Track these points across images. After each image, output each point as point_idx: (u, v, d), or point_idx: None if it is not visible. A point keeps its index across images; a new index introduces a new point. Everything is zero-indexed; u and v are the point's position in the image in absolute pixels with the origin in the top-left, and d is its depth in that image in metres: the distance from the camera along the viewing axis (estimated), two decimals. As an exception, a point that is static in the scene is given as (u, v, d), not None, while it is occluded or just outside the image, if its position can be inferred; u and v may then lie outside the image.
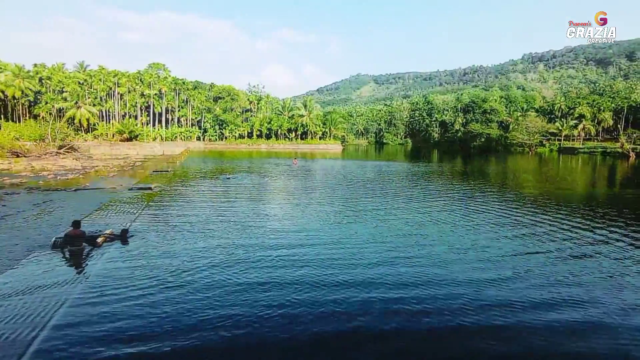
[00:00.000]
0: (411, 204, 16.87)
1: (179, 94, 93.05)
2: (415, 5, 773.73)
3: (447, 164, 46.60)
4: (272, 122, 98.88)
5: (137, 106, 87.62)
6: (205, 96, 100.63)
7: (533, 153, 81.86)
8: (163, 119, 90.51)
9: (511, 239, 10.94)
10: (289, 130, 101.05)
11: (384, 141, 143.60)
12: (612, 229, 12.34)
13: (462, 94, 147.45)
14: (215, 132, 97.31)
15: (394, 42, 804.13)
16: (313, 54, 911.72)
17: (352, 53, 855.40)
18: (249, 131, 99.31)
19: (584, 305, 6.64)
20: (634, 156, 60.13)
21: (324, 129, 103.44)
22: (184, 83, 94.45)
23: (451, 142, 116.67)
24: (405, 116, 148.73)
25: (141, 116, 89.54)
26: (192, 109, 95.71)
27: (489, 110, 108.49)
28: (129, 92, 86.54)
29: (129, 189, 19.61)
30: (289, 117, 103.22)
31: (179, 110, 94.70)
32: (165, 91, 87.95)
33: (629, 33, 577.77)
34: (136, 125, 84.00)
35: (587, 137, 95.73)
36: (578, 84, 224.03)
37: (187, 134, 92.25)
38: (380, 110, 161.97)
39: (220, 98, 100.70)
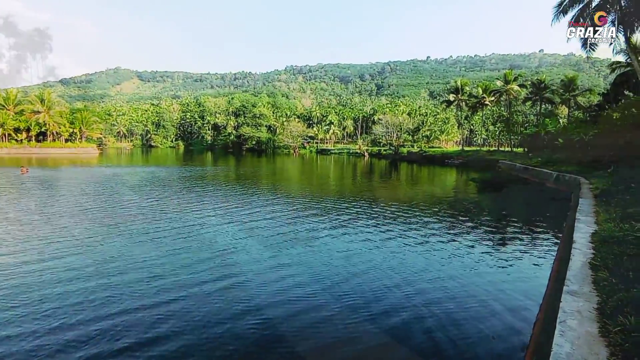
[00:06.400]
0: (180, 213, 16.22)
1: None
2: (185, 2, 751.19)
3: (222, 167, 48.04)
4: (-15, 119, 73.82)
5: None
6: None
7: (297, 154, 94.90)
8: None
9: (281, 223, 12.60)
10: (18, 130, 78.19)
11: (153, 144, 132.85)
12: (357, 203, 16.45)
13: (233, 98, 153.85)
14: None
15: (161, 38, 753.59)
16: (54, 38, 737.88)
17: (110, 43, 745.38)
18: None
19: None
20: (368, 155, 79.60)
21: (71, 129, 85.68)
22: None
23: (225, 145, 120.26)
24: (175, 118, 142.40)
25: None
26: None
27: (258, 115, 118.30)
28: None
29: None
30: (17, 113, 79.89)
31: None
32: None
33: (362, 58, 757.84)
34: None
35: (336, 140, 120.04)
36: (329, 96, 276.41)
37: None
38: (147, 110, 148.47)
39: None
